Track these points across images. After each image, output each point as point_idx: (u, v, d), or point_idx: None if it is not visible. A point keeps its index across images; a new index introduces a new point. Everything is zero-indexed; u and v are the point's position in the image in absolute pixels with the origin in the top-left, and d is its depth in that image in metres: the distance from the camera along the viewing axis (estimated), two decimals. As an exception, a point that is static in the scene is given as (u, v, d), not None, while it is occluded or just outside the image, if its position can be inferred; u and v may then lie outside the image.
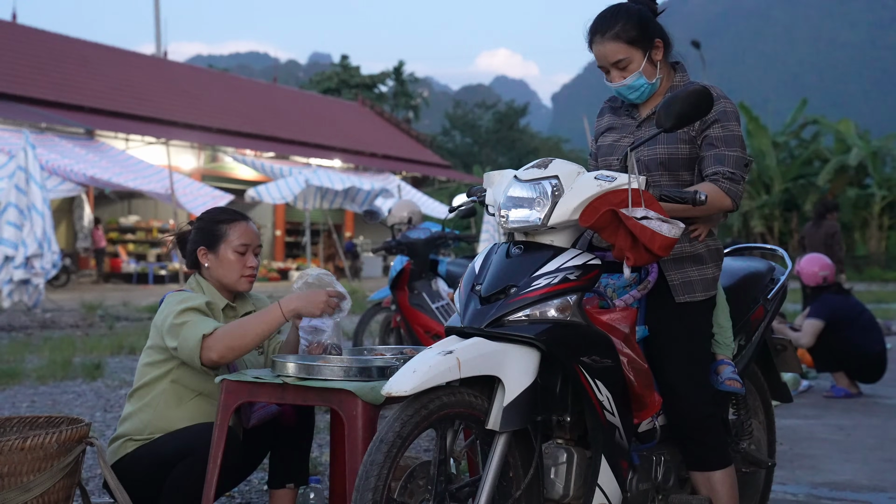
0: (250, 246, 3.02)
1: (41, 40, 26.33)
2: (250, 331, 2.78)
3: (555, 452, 2.50)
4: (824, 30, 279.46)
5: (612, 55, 2.72)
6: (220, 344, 2.75)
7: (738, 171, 2.66)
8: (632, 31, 2.70)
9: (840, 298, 7.02)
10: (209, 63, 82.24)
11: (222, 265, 2.99)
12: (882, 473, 4.46)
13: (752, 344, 3.12)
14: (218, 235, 3.00)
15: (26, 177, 12.32)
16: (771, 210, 35.76)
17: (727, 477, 2.74)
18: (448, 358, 2.23)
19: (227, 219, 3.04)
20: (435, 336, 6.16)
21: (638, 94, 2.78)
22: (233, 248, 2.99)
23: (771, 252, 3.72)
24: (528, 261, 2.43)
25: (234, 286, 3.01)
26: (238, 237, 3.00)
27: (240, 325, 2.81)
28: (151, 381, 2.92)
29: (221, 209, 3.14)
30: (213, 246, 3.00)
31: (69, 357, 7.75)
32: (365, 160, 31.15)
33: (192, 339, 2.76)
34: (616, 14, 2.73)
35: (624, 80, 2.74)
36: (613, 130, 2.88)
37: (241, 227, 3.02)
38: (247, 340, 2.77)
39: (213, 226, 3.02)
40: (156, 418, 2.88)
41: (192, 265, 3.07)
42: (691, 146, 2.75)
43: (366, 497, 2.14)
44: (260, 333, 2.78)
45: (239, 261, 2.99)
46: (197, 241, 3.03)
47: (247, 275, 3.01)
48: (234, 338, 2.77)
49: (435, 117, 76.29)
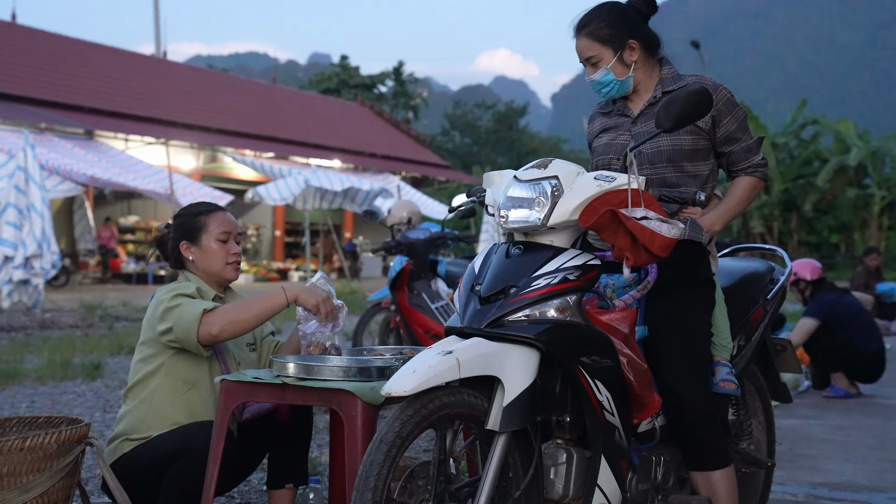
0: (231, 233, 3.05)
1: (41, 40, 26.32)
2: (253, 308, 2.82)
3: (554, 453, 2.50)
4: (824, 30, 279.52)
5: (584, 51, 2.81)
6: (222, 318, 2.78)
7: (761, 153, 2.86)
8: (604, 30, 2.77)
9: (836, 298, 7.00)
10: (209, 63, 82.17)
11: (207, 255, 3.01)
12: (881, 473, 4.46)
13: (751, 344, 3.12)
14: (198, 227, 3.03)
15: (26, 177, 12.31)
16: (770, 210, 35.77)
17: (727, 477, 2.74)
18: (448, 358, 2.23)
19: (205, 210, 3.07)
20: (434, 336, 6.16)
21: (607, 90, 2.83)
22: (215, 237, 3.02)
23: (770, 252, 3.72)
24: (528, 261, 2.43)
25: (220, 274, 3.03)
26: (218, 226, 3.03)
27: (242, 303, 2.86)
28: (145, 377, 2.92)
29: (197, 203, 3.16)
30: (195, 238, 3.02)
31: (69, 357, 7.74)
32: (364, 160, 31.15)
33: (191, 314, 2.79)
34: (593, 12, 2.81)
35: (593, 75, 2.82)
36: (608, 131, 2.90)
37: (220, 217, 3.06)
38: (249, 316, 2.81)
39: (191, 219, 3.05)
40: (151, 414, 2.88)
41: (176, 265, 3.09)
42: (694, 137, 2.77)
43: (365, 497, 2.14)
44: (262, 312, 2.82)
45: (222, 248, 3.02)
46: (178, 237, 3.05)
47: (231, 262, 3.03)
48: (237, 312, 2.80)
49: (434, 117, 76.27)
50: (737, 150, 2.82)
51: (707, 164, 2.82)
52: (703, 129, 2.78)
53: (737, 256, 3.72)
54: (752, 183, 2.85)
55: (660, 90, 2.82)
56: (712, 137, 2.81)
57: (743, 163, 2.83)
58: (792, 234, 36.76)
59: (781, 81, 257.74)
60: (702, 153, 2.80)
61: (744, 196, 2.85)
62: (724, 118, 2.78)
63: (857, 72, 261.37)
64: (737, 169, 2.85)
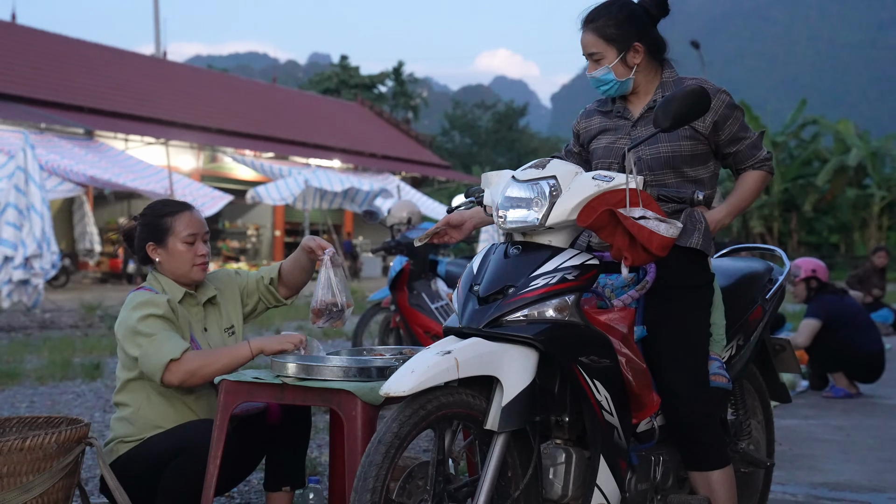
0: (198, 234, 2.99)
1: (41, 40, 26.32)
2: (219, 361, 2.82)
3: (553, 452, 2.50)
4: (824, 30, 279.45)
5: (588, 46, 2.78)
6: (185, 371, 2.78)
7: (765, 147, 2.88)
8: (611, 28, 2.74)
9: (836, 299, 7.03)
10: (209, 63, 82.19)
11: (173, 258, 2.97)
12: (881, 474, 4.46)
13: (750, 344, 3.11)
14: (164, 229, 2.98)
15: (25, 177, 12.30)
16: (770, 210, 35.79)
17: (726, 477, 2.74)
18: (446, 358, 2.23)
19: (171, 211, 3.01)
20: (434, 336, 6.16)
21: (606, 89, 2.82)
22: (181, 240, 2.97)
23: (769, 252, 3.72)
24: (526, 261, 2.43)
25: (187, 277, 2.99)
26: (185, 228, 2.98)
27: (208, 354, 2.84)
28: (126, 382, 2.92)
29: (163, 202, 3.10)
30: (161, 240, 2.98)
31: (68, 357, 7.75)
32: (364, 160, 31.15)
33: (157, 359, 2.78)
34: (603, 8, 2.78)
35: (594, 72, 2.80)
36: (607, 133, 2.88)
37: (186, 218, 2.99)
38: (213, 370, 2.81)
39: (157, 220, 3.00)
40: (142, 416, 2.89)
41: (143, 261, 3.06)
42: (693, 142, 2.76)
43: (364, 497, 2.14)
44: (225, 366, 2.81)
45: (189, 251, 2.97)
46: (144, 238, 3.01)
47: (198, 263, 2.99)
48: (201, 365, 2.80)
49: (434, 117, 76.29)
50: (742, 149, 2.83)
51: (707, 169, 2.82)
52: (703, 134, 2.77)
53: (737, 256, 3.72)
54: (760, 176, 2.87)
55: (660, 94, 2.81)
56: (712, 142, 2.81)
57: (750, 159, 2.85)
58: (792, 235, 36.77)
59: (781, 81, 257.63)
60: (700, 158, 2.80)
61: (752, 189, 2.87)
62: (727, 121, 2.78)
63: (857, 72, 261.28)
64: (744, 166, 2.87)
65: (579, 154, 2.99)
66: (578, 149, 3.00)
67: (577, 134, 2.99)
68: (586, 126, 2.96)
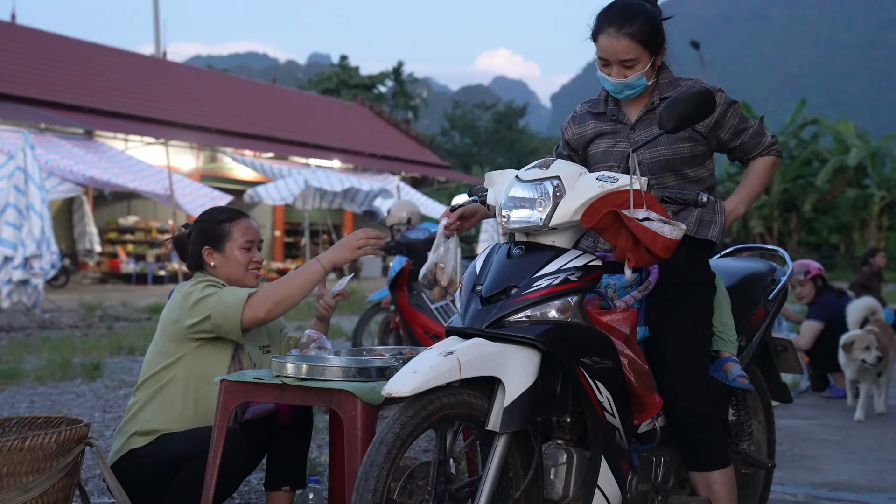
0: (254, 242, 3.10)
1: (41, 41, 26.29)
2: (295, 284, 2.90)
3: (555, 453, 2.50)
4: (824, 30, 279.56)
5: (623, 52, 2.68)
6: (267, 299, 2.85)
7: (768, 133, 2.88)
8: (648, 32, 2.68)
9: (837, 300, 7.09)
10: (208, 63, 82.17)
11: (229, 263, 3.05)
12: (881, 474, 4.45)
13: (752, 345, 3.11)
14: (222, 235, 3.06)
15: (25, 177, 12.30)
16: (770, 210, 35.80)
17: (726, 477, 2.74)
18: (449, 359, 2.23)
19: (229, 217, 3.11)
20: (434, 336, 6.16)
21: (632, 93, 2.77)
22: (238, 246, 3.06)
23: (771, 252, 3.72)
24: (529, 261, 2.42)
25: (241, 282, 3.06)
26: (242, 234, 3.07)
27: (281, 282, 2.91)
28: (162, 368, 2.93)
29: (221, 209, 3.20)
30: (218, 245, 3.06)
31: (68, 357, 7.74)
32: (364, 160, 31.13)
33: (233, 298, 2.85)
34: (635, 11, 2.68)
35: (625, 78, 2.71)
36: (605, 136, 2.85)
37: (244, 225, 3.09)
38: (291, 292, 2.88)
39: (215, 226, 3.08)
40: (161, 405, 2.89)
41: (194, 266, 3.10)
42: (692, 143, 2.76)
43: (365, 498, 2.13)
44: (303, 286, 2.90)
45: (245, 257, 3.07)
46: (200, 242, 3.07)
47: (253, 269, 3.08)
48: (280, 291, 2.88)
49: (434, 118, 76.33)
50: (746, 139, 2.84)
51: (706, 169, 2.82)
52: (702, 134, 2.76)
53: (739, 256, 3.71)
54: (770, 161, 2.88)
55: (657, 96, 2.79)
56: (712, 140, 2.80)
57: (756, 147, 2.86)
58: (791, 235, 36.78)
59: (781, 81, 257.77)
60: (700, 158, 2.80)
61: (763, 176, 2.88)
62: (727, 117, 2.78)
63: (857, 72, 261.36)
64: (752, 155, 2.87)
65: (569, 158, 2.95)
66: (569, 152, 2.96)
67: (568, 140, 2.95)
68: (580, 132, 2.92)
